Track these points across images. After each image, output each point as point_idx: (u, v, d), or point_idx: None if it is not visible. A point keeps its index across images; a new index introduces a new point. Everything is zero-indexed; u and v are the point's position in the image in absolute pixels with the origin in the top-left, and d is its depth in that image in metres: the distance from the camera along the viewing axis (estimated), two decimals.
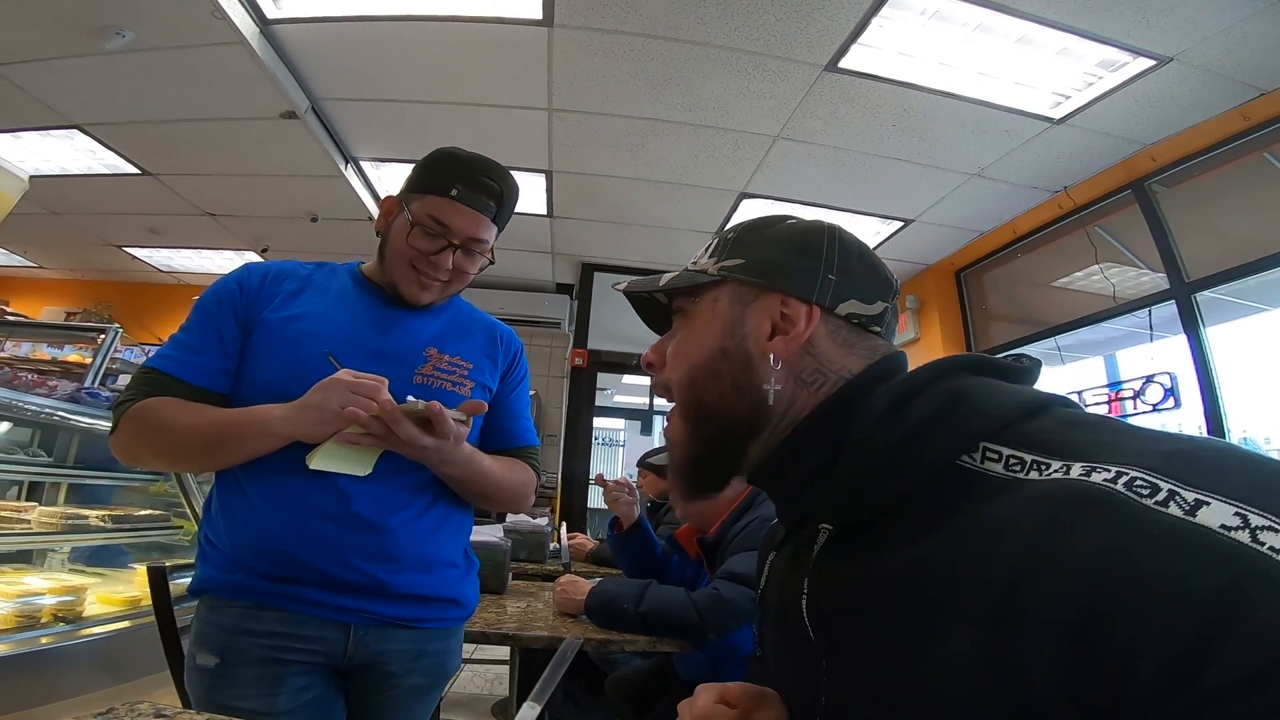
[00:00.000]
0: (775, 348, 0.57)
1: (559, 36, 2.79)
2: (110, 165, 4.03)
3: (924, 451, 0.47)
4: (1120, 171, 3.42)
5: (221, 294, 1.06)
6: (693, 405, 0.60)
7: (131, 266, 5.88)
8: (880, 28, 2.60)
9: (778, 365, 0.57)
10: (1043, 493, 0.39)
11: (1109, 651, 0.33)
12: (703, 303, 0.62)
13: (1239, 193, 3.08)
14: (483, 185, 1.08)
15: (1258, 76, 2.69)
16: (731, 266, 0.61)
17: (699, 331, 0.61)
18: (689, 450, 0.61)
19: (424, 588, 1.05)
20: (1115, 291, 3.64)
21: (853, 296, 0.59)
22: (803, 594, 0.54)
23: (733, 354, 0.58)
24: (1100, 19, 2.44)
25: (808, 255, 0.59)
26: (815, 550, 0.55)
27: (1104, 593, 0.33)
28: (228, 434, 0.96)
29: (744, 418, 0.57)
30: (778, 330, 0.58)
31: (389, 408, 0.91)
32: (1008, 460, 0.44)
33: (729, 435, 0.58)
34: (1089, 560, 0.34)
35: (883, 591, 0.47)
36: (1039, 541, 0.37)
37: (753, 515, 1.60)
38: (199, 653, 0.97)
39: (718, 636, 1.42)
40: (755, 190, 4.00)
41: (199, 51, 2.91)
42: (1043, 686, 0.35)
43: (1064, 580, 0.35)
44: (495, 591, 1.84)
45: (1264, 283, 3.00)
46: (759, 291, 0.59)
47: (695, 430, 0.60)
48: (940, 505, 0.45)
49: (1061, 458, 0.41)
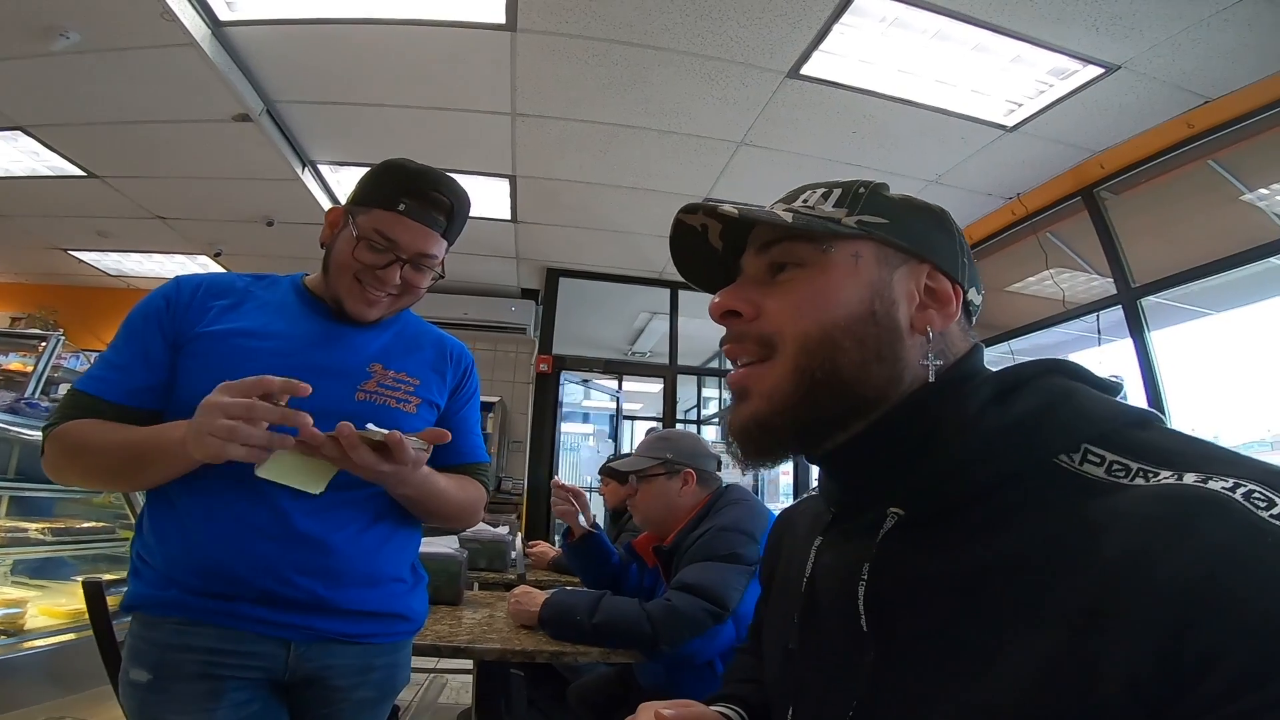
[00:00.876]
0: (929, 321, 0.54)
1: (522, 41, 2.77)
2: (55, 167, 3.89)
3: (1026, 443, 0.47)
4: (1070, 178, 3.53)
5: (149, 310, 1.03)
6: (821, 368, 0.53)
7: (78, 270, 5.68)
8: (841, 34, 2.64)
9: (930, 340, 0.54)
10: (1156, 493, 0.39)
11: (1193, 651, 0.33)
12: (838, 255, 0.55)
13: (1183, 199, 3.19)
14: (432, 199, 1.06)
15: (1202, 84, 2.79)
16: (875, 224, 0.55)
17: (836, 287, 0.54)
18: (792, 415, 0.54)
19: (369, 603, 1.03)
20: (1065, 296, 3.75)
21: (975, 284, 0.58)
22: (861, 580, 0.51)
23: (883, 320, 0.53)
24: (1052, 27, 2.51)
25: (946, 232, 0.58)
26: (880, 534, 0.51)
27: (1210, 594, 0.33)
28: (139, 456, 0.93)
29: (876, 390, 0.53)
30: (923, 303, 0.55)
31: (345, 432, 0.87)
32: (1110, 465, 0.44)
33: (850, 406, 0.53)
34: (1201, 559, 0.35)
35: (960, 583, 0.45)
36: (1151, 535, 0.37)
37: (708, 524, 1.60)
38: (132, 668, 0.94)
39: (670, 648, 1.41)
40: (719, 196, 4.03)
41: (148, 53, 2.82)
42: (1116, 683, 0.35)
43: (1171, 576, 0.35)
44: (451, 603, 1.81)
45: (1206, 288, 3.12)
46: (907, 258, 0.55)
47: (812, 394, 0.53)
48: (1031, 500, 0.45)
49: (1171, 468, 0.41)
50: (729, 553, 1.50)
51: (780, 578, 0.70)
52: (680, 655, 1.43)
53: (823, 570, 0.59)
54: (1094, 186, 3.45)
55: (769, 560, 0.77)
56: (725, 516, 1.61)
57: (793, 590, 0.62)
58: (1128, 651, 0.35)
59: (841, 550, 0.56)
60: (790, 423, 0.54)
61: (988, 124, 3.16)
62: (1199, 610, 0.34)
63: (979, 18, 2.48)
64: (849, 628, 0.51)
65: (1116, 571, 0.37)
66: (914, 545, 0.50)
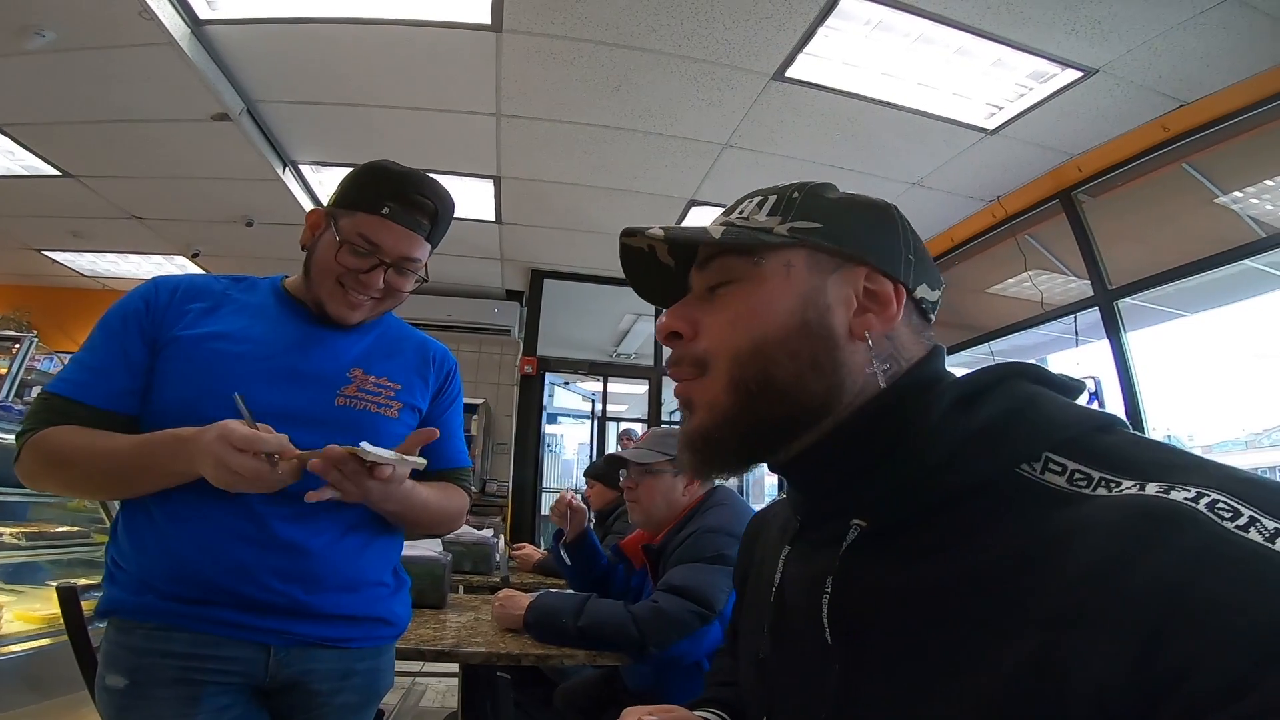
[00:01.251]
0: (869, 325, 0.52)
1: (508, 41, 2.76)
2: (29, 166, 3.81)
3: (989, 453, 0.46)
4: (1049, 181, 3.58)
5: (127, 311, 1.01)
6: (755, 381, 0.52)
7: (53, 271, 5.57)
8: (826, 37, 2.66)
9: (868, 346, 0.52)
10: (1120, 504, 0.39)
11: (1162, 666, 0.32)
12: (770, 266, 0.54)
13: (1159, 202, 3.25)
14: (416, 203, 1.04)
15: (1178, 88, 2.84)
16: (806, 230, 0.54)
17: (767, 298, 0.53)
18: (731, 427, 0.53)
19: (350, 608, 1.02)
20: (1043, 298, 3.80)
21: (925, 280, 0.56)
22: (824, 592, 0.50)
23: (816, 329, 0.52)
24: (1032, 30, 2.54)
25: (887, 230, 0.56)
26: (843, 547, 0.51)
27: (1178, 609, 0.33)
28: (128, 465, 0.91)
29: (817, 399, 0.52)
30: (863, 306, 0.53)
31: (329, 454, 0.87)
32: (1072, 474, 0.43)
33: (791, 418, 0.52)
34: (1168, 575, 0.34)
35: (926, 594, 0.45)
36: (1116, 549, 0.36)
37: (695, 525, 1.60)
38: (108, 674, 0.93)
39: (658, 650, 1.41)
40: (704, 198, 4.05)
41: (126, 52, 2.77)
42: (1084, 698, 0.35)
43: (1138, 591, 0.34)
44: (435, 606, 1.80)
45: (1181, 290, 3.17)
46: (841, 262, 0.54)
47: (750, 408, 0.52)
48: (993, 511, 0.44)
49: (1134, 476, 0.40)
50: (715, 554, 1.51)
51: (752, 583, 0.69)
52: (668, 656, 1.43)
53: (790, 581, 0.58)
54: (1072, 189, 3.50)
55: (742, 564, 0.76)
56: (711, 518, 1.61)
57: (763, 599, 0.62)
58: (1096, 667, 0.35)
59: (808, 561, 0.56)
60: (733, 434, 0.54)
61: (969, 127, 3.20)
62: (1166, 626, 0.33)
63: (961, 21, 2.51)
64: (815, 640, 0.51)
65: (1081, 586, 0.37)
66: (877, 557, 0.49)
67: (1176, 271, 3.06)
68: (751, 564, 0.71)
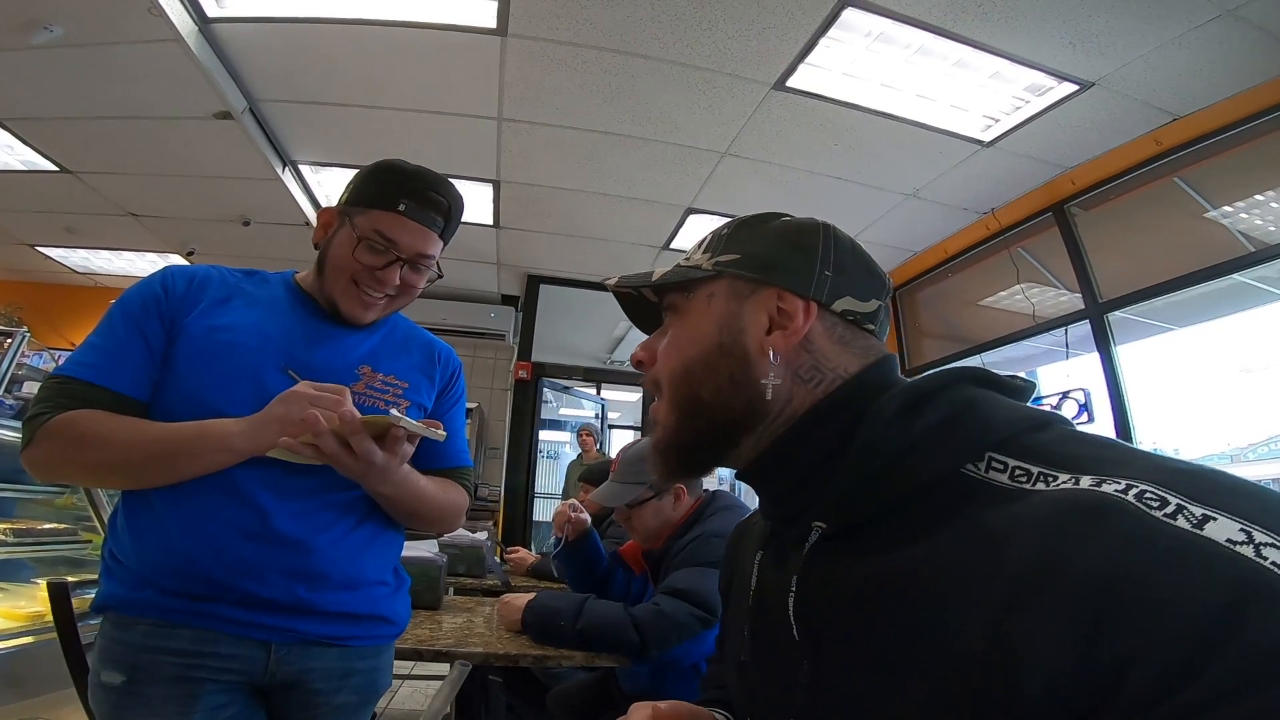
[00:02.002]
0: (774, 343, 0.57)
1: (512, 46, 2.77)
2: (28, 162, 3.79)
3: (932, 456, 0.48)
4: (1042, 194, 3.62)
5: (146, 296, 1.00)
6: (686, 399, 0.60)
7: (45, 267, 5.52)
8: (828, 48, 2.68)
9: (776, 361, 0.57)
10: (1053, 499, 0.40)
11: (1107, 655, 0.34)
12: (697, 298, 0.62)
13: (1150, 216, 3.29)
14: (431, 200, 1.05)
15: (1171, 102, 2.88)
16: (726, 261, 0.61)
17: (693, 326, 0.61)
18: (677, 439, 0.61)
19: (351, 606, 1.01)
20: (1035, 311, 3.83)
21: (848, 294, 0.59)
22: (790, 592, 0.54)
23: (730, 349, 0.58)
24: (1031, 44, 2.58)
25: (803, 251, 0.60)
26: (806, 548, 0.54)
27: (1113, 598, 0.34)
28: (177, 450, 0.89)
29: (739, 412, 0.57)
30: (775, 325, 0.58)
31: (349, 418, 0.86)
32: (1013, 471, 0.45)
33: (722, 429, 0.58)
34: (1100, 565, 0.35)
35: (878, 590, 0.47)
36: (1050, 544, 0.38)
37: (699, 530, 1.60)
38: (104, 670, 0.91)
39: (658, 652, 1.41)
40: (701, 206, 4.06)
41: (131, 48, 2.77)
42: (1034, 689, 0.36)
43: (1074, 583, 0.36)
44: (430, 607, 1.79)
45: (1170, 304, 3.22)
46: (755, 286, 0.59)
47: (687, 422, 0.60)
48: (942, 509, 0.46)
49: (1069, 471, 0.42)
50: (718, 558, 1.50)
51: (735, 591, 0.71)
52: (666, 659, 1.43)
53: (765, 584, 0.62)
54: (1065, 202, 3.54)
55: (725, 573, 0.79)
56: (714, 523, 1.61)
57: (742, 604, 0.65)
58: (1043, 657, 0.36)
59: (779, 564, 0.60)
60: (678, 445, 0.61)
61: (965, 139, 3.24)
62: (1105, 615, 0.34)
63: (962, 34, 2.55)
64: (786, 639, 0.54)
65: (1021, 579, 0.38)
66: (837, 557, 0.52)
67: (1166, 285, 3.09)
68: (734, 572, 0.74)
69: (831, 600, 0.51)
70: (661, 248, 4.69)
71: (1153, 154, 3.11)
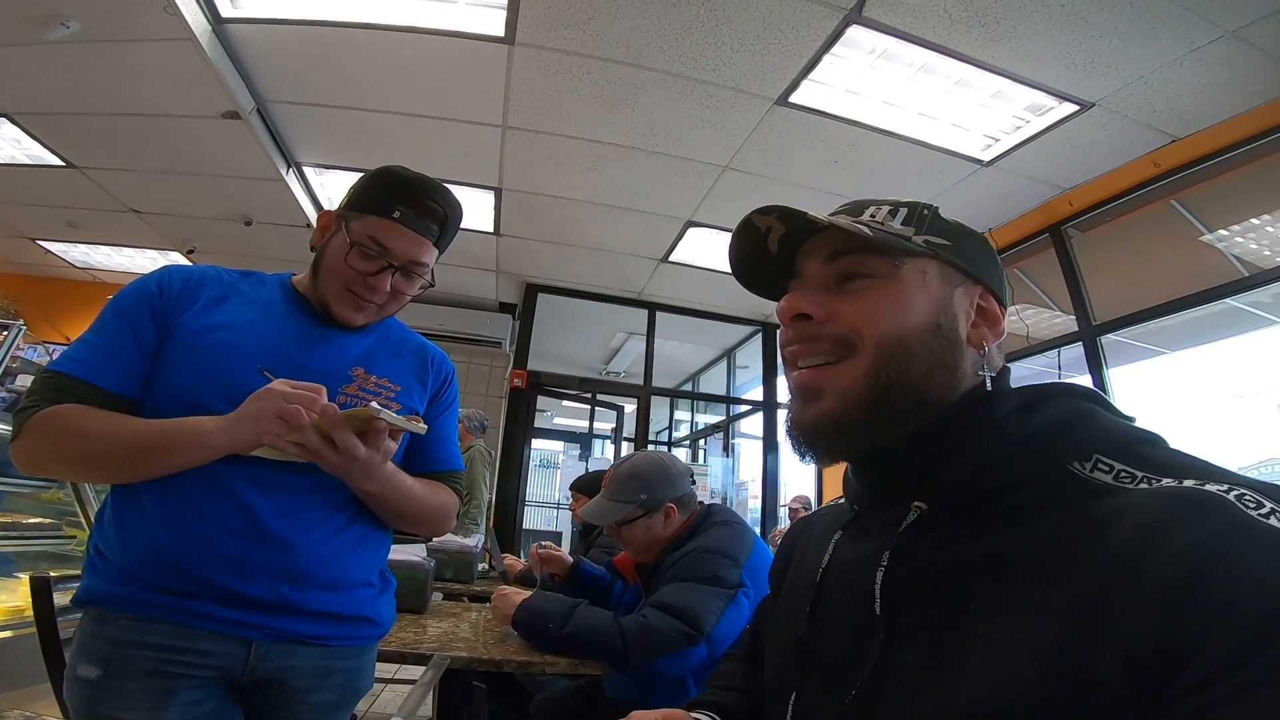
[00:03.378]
0: (985, 336, 0.60)
1: (519, 55, 2.80)
2: (35, 156, 3.81)
3: (1045, 450, 0.52)
4: (1040, 215, 3.64)
5: (140, 294, 1.00)
6: (896, 369, 0.56)
7: (44, 261, 5.52)
8: (831, 65, 2.71)
9: (983, 354, 0.59)
10: (1157, 492, 0.44)
11: (1187, 631, 0.36)
12: (908, 270, 0.59)
13: (1146, 238, 3.31)
14: (426, 208, 1.06)
15: (1170, 123, 2.90)
16: (939, 245, 0.60)
17: (908, 298, 0.58)
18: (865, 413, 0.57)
19: (335, 606, 1.01)
20: (1029, 332, 3.84)
21: (1008, 304, 0.64)
22: (880, 566, 0.55)
23: (946, 332, 0.58)
24: (1034, 63, 2.60)
25: (994, 259, 0.64)
26: (902, 527, 0.56)
27: (1203, 578, 0.37)
28: (154, 445, 0.90)
29: (938, 395, 0.57)
30: (976, 320, 0.60)
31: (330, 413, 0.87)
32: (1118, 473, 0.49)
33: (914, 408, 0.57)
34: (1196, 547, 0.39)
35: (973, 570, 0.50)
36: (1152, 525, 0.41)
37: (692, 545, 1.58)
38: (80, 664, 0.90)
39: (639, 664, 1.40)
40: (702, 219, 4.09)
41: (145, 46, 2.80)
42: (1113, 661, 0.39)
43: (1168, 561, 0.39)
44: (416, 611, 1.78)
45: (1164, 327, 3.22)
46: (964, 279, 0.61)
47: (886, 394, 0.56)
48: (1045, 499, 0.49)
49: (1172, 475, 0.46)
50: (710, 575, 1.48)
51: (792, 576, 0.74)
52: (649, 672, 1.41)
53: (839, 561, 0.64)
54: (1062, 223, 3.56)
55: (781, 562, 0.81)
56: (710, 538, 1.59)
57: (805, 584, 0.67)
58: (1126, 628, 0.39)
59: (861, 542, 0.62)
60: (863, 421, 0.57)
61: (965, 158, 3.26)
62: (1191, 595, 0.37)
63: (965, 53, 2.57)
64: (861, 613, 0.55)
65: (1116, 562, 0.41)
66: (932, 538, 0.54)
67: (1160, 309, 3.10)
68: (792, 559, 0.76)
69: (921, 578, 0.53)
70: (661, 259, 4.71)
71: (1150, 176, 3.12)
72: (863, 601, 0.55)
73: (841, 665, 0.56)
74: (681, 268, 4.80)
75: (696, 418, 7.32)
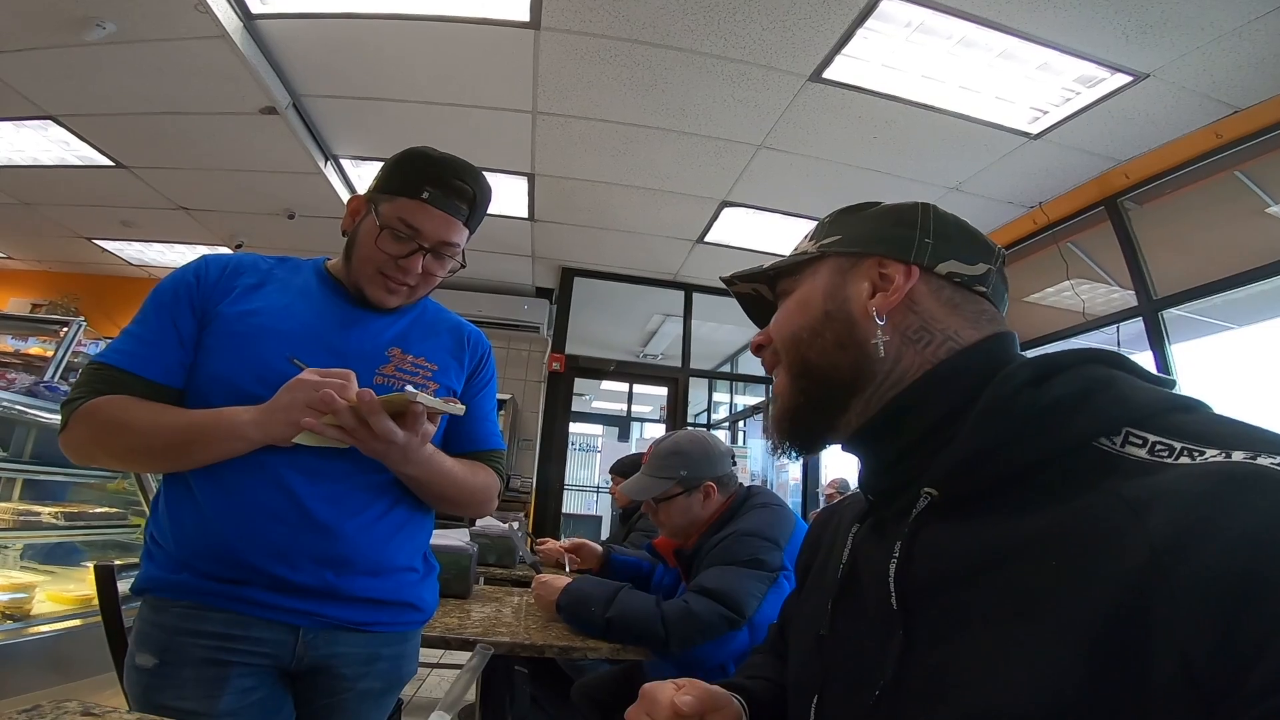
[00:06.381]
0: (876, 304, 0.60)
1: (546, 39, 2.78)
2: (84, 157, 3.95)
3: (1063, 426, 0.47)
4: (1094, 188, 3.48)
5: (178, 285, 1.03)
6: (797, 363, 0.64)
7: (101, 259, 5.76)
8: (865, 39, 2.62)
9: (882, 320, 0.59)
10: (1203, 470, 0.39)
11: (1250, 633, 0.32)
12: (804, 279, 0.67)
13: (1208, 211, 3.14)
14: (455, 188, 1.06)
15: (1232, 94, 2.74)
16: (829, 243, 0.66)
17: (802, 300, 0.66)
18: (789, 402, 0.65)
19: (379, 591, 1.02)
20: (1085, 308, 3.69)
21: (951, 257, 0.61)
22: (892, 558, 0.52)
23: (836, 315, 0.62)
24: (1082, 34, 2.48)
25: (902, 224, 0.64)
26: (912, 515, 0.53)
27: (1264, 571, 0.33)
28: (194, 437, 0.92)
29: (847, 373, 0.60)
30: (877, 290, 0.61)
31: (366, 398, 0.87)
32: (1153, 446, 0.43)
33: (830, 391, 0.61)
34: (1253, 535, 0.34)
35: (992, 559, 0.46)
36: (1200, 511, 0.36)
37: (732, 528, 1.57)
38: (138, 653, 0.94)
39: (680, 649, 1.40)
40: (736, 199, 4.02)
41: (180, 45, 2.86)
42: (1168, 665, 0.34)
43: (1223, 553, 0.34)
44: (460, 596, 1.81)
45: (1229, 301, 3.06)
46: (856, 260, 0.64)
47: (797, 384, 0.64)
48: (1070, 479, 0.45)
49: (1217, 446, 0.40)
50: (751, 558, 1.47)
51: (816, 569, 0.73)
52: (690, 657, 1.41)
53: (859, 555, 0.62)
54: (1118, 196, 3.40)
55: (806, 555, 0.79)
56: (750, 521, 1.57)
57: (829, 579, 0.66)
58: (1180, 634, 0.34)
59: (878, 534, 0.59)
60: (793, 410, 0.64)
61: (1011, 131, 3.13)
62: (1252, 587, 0.33)
63: (1006, 24, 2.46)
64: (881, 608, 0.52)
65: (1165, 550, 0.36)
66: (948, 524, 0.51)
67: (1224, 282, 2.96)
68: (817, 552, 0.75)
69: (936, 568, 0.50)
70: (696, 241, 4.66)
71: (1212, 147, 2.96)
72: (881, 597, 0.52)
73: (863, 665, 0.53)
74: (718, 248, 4.74)
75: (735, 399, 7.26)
